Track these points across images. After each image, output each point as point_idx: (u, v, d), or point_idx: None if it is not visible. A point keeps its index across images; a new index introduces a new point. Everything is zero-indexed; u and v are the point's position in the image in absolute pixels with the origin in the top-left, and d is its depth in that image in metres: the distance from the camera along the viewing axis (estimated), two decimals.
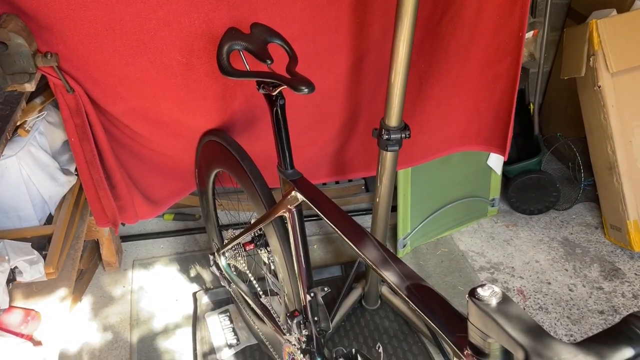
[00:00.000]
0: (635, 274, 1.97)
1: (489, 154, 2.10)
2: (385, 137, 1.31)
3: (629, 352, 0.57)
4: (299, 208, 1.15)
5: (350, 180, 2.36)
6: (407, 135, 1.31)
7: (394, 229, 2.07)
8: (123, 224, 2.14)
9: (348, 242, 0.94)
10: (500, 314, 0.61)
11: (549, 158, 2.52)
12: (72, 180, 1.62)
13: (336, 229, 0.98)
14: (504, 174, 2.27)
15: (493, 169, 2.15)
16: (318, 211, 1.03)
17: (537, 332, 0.59)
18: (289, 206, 1.14)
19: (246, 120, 1.46)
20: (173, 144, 1.51)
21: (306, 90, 0.95)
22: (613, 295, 1.88)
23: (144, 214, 1.60)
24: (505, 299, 0.63)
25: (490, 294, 0.63)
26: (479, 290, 0.64)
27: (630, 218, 1.97)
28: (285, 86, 0.99)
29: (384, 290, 1.83)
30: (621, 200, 1.98)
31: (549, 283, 1.94)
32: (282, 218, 1.20)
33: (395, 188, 1.86)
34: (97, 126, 1.31)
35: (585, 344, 0.58)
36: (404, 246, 2.06)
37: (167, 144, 1.51)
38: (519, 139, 2.41)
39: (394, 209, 2.00)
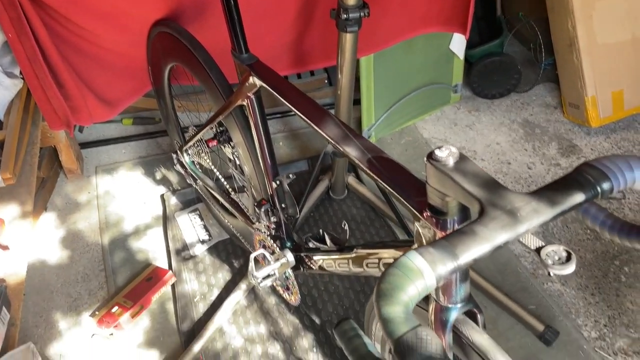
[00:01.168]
0: (592, 149, 2.04)
1: (452, 38, 2.06)
2: (344, 16, 1.25)
3: (579, 197, 0.60)
4: (258, 95, 1.12)
5: (312, 74, 2.32)
6: (367, 14, 1.26)
7: (358, 122, 2.06)
8: (80, 131, 2.08)
9: (308, 122, 0.93)
10: (457, 172, 0.62)
11: (510, 41, 2.49)
12: (18, 84, 1.53)
13: (296, 111, 0.96)
14: (467, 59, 2.25)
15: (455, 53, 2.12)
16: (277, 94, 1.01)
17: (491, 185, 0.60)
18: (247, 93, 1.11)
19: (196, 6, 1.37)
20: (120, 38, 1.42)
21: None
22: (569, 170, 1.96)
23: (98, 115, 1.54)
24: (462, 158, 0.64)
25: (447, 154, 0.63)
26: (437, 151, 0.64)
27: (589, 94, 2.00)
28: None
29: (350, 180, 1.86)
30: (580, 77, 2.00)
31: (509, 163, 2.01)
32: (241, 108, 1.17)
33: (358, 80, 1.83)
34: (35, 20, 1.21)
35: (539, 192, 0.59)
36: (369, 137, 2.07)
37: (114, 39, 1.42)
38: (481, 23, 2.37)
39: (358, 102, 1.98)
